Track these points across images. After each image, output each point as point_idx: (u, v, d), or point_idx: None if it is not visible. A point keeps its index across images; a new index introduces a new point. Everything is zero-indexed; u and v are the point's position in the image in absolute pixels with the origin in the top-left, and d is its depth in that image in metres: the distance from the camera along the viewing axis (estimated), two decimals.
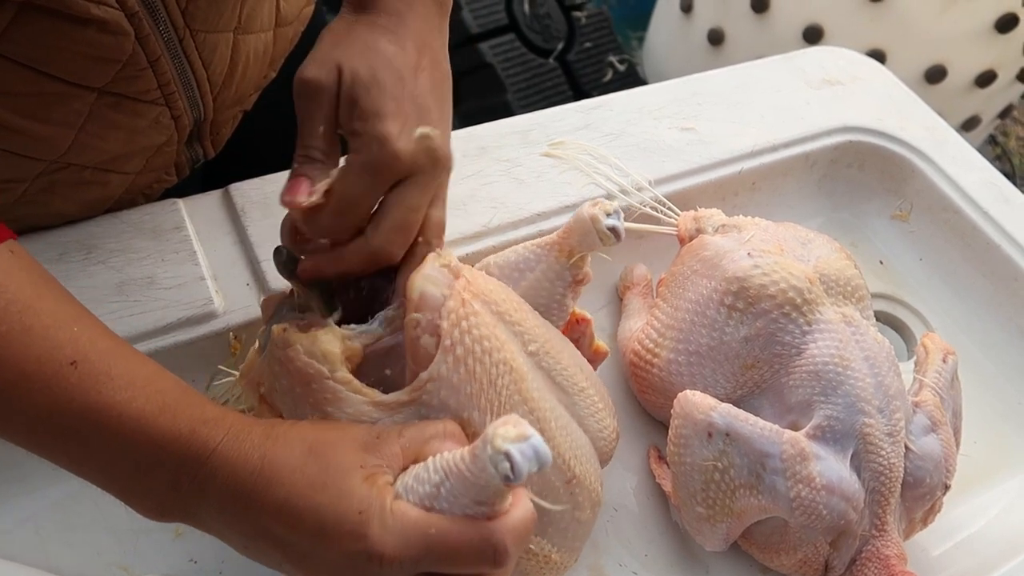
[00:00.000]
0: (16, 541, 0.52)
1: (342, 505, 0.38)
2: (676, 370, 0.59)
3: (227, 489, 0.39)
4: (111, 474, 0.41)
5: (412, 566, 0.38)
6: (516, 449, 0.37)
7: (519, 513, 0.40)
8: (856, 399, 0.53)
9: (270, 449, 0.40)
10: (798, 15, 1.61)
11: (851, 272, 0.59)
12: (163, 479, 0.40)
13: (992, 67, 1.63)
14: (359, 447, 0.41)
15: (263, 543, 0.40)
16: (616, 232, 0.52)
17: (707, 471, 0.52)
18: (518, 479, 0.37)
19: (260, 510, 0.39)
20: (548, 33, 1.79)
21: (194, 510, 0.41)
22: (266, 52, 0.65)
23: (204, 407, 0.41)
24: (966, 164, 0.81)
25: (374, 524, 0.38)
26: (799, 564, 0.54)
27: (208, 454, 0.39)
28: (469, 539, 0.38)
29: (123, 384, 0.40)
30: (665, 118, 0.79)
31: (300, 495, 0.38)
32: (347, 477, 0.39)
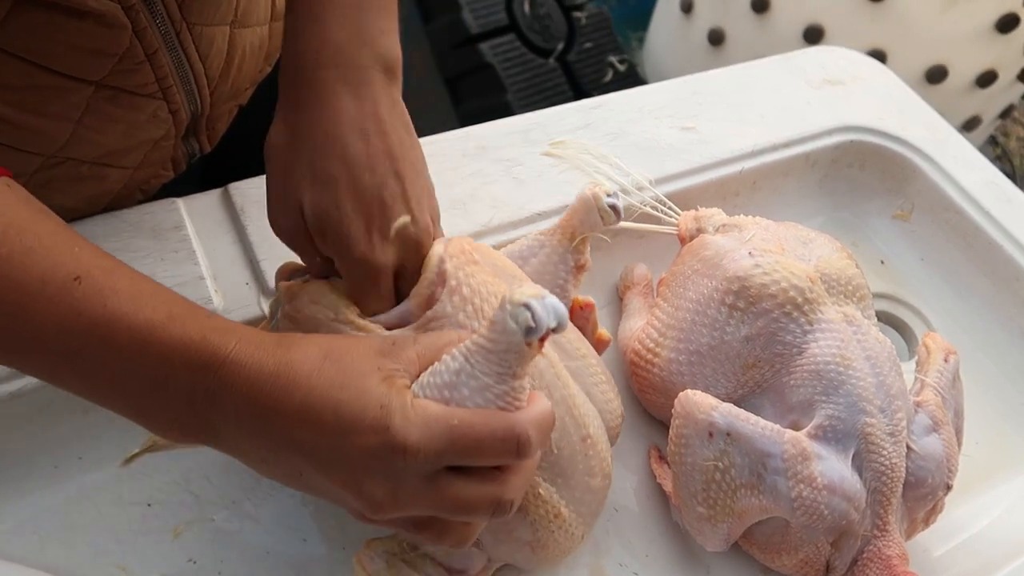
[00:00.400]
0: (15, 541, 0.52)
1: (362, 400, 0.38)
2: (677, 370, 0.59)
3: (244, 397, 0.38)
4: (124, 391, 0.40)
5: (436, 458, 0.38)
6: (536, 302, 0.37)
7: (539, 406, 0.40)
8: (858, 399, 0.53)
9: (285, 354, 0.39)
10: (798, 15, 1.61)
11: (852, 271, 0.59)
12: (177, 391, 0.39)
13: (993, 67, 1.63)
14: (375, 352, 0.41)
15: (284, 451, 0.39)
16: (616, 210, 0.54)
17: (708, 471, 0.52)
18: (539, 331, 0.37)
19: (279, 415, 0.38)
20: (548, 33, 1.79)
21: (212, 424, 0.39)
22: (262, 46, 0.65)
23: (213, 317, 0.40)
24: (967, 164, 0.80)
25: (396, 417, 0.37)
26: (800, 564, 0.54)
27: (222, 360, 0.38)
28: (493, 428, 0.38)
29: (129, 296, 0.39)
30: (666, 118, 0.79)
31: (319, 396, 0.38)
32: (365, 377, 0.39)
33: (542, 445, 0.41)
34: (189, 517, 0.54)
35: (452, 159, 0.71)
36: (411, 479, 0.38)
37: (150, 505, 0.55)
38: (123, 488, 0.55)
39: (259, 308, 0.60)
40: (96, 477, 0.55)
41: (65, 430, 0.56)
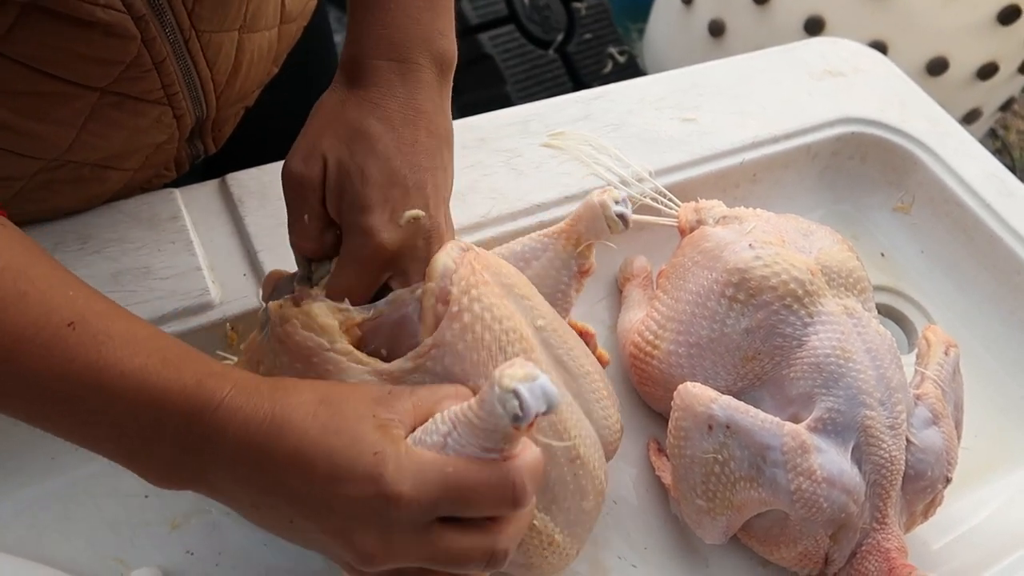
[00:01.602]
0: (12, 533, 0.52)
1: (356, 447, 0.37)
2: (676, 362, 0.58)
3: (237, 441, 0.38)
4: (117, 437, 0.39)
5: (431, 508, 0.37)
6: (525, 387, 0.36)
7: (531, 454, 0.39)
8: (857, 391, 0.53)
9: (280, 399, 0.39)
10: (799, 6, 1.61)
11: (853, 264, 0.59)
12: (170, 437, 0.38)
13: (994, 59, 1.63)
14: (369, 400, 0.40)
15: (275, 498, 0.38)
16: (624, 219, 0.53)
17: (707, 464, 0.52)
18: (526, 418, 0.36)
19: (271, 460, 0.37)
20: (548, 24, 1.79)
21: (204, 471, 0.39)
22: (270, 49, 0.65)
23: (209, 362, 0.40)
24: (969, 156, 0.80)
25: (390, 465, 0.37)
26: (799, 557, 0.54)
27: (216, 406, 0.38)
28: (487, 477, 0.37)
29: (123, 342, 0.38)
30: (666, 109, 0.78)
31: (312, 441, 0.37)
32: (360, 423, 0.38)
33: (536, 491, 0.40)
34: (187, 509, 0.54)
35: None
36: (404, 529, 0.37)
37: (147, 497, 0.55)
38: (120, 480, 0.55)
39: (256, 299, 0.59)
40: (93, 468, 0.55)
41: None
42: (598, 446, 0.51)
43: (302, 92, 0.78)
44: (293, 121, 0.81)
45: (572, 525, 0.50)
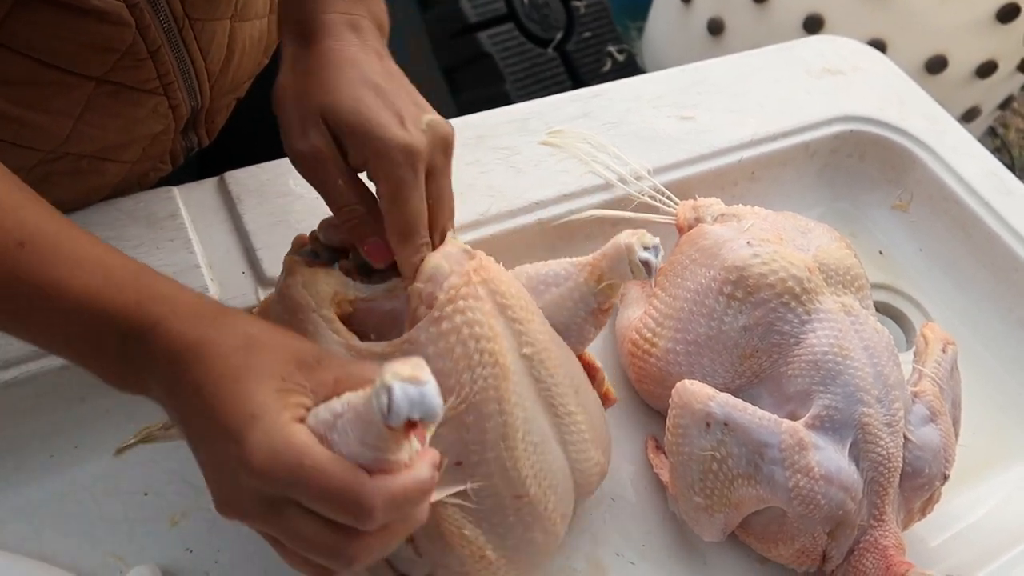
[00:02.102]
0: (10, 530, 0.52)
1: (240, 403, 0.37)
2: (674, 359, 0.59)
3: (163, 362, 0.39)
4: (70, 348, 0.42)
5: (275, 486, 0.37)
6: (400, 387, 0.34)
7: (405, 480, 0.37)
8: (855, 389, 0.53)
9: (209, 330, 0.39)
10: (798, 4, 1.61)
11: (851, 262, 0.59)
12: (113, 352, 0.40)
13: (993, 57, 1.63)
14: (293, 360, 0.40)
15: (182, 422, 0.40)
16: (648, 266, 0.50)
17: (705, 461, 0.52)
18: (394, 417, 0.34)
19: (180, 388, 0.39)
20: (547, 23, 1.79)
21: (144, 383, 0.41)
22: (261, 39, 0.65)
23: (153, 284, 0.41)
24: (967, 155, 0.80)
25: (256, 432, 0.36)
26: (797, 554, 0.54)
27: (150, 327, 0.39)
28: (337, 486, 0.36)
29: (70, 262, 0.40)
30: (665, 107, 0.78)
31: (213, 382, 0.38)
32: (262, 381, 0.38)
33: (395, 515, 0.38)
34: (185, 506, 0.54)
35: None
36: (251, 496, 0.37)
37: (146, 494, 0.55)
38: (119, 477, 0.55)
39: (255, 297, 0.59)
40: (92, 466, 0.55)
41: (61, 419, 0.56)
42: (566, 487, 0.50)
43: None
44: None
45: (513, 551, 0.48)
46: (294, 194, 0.65)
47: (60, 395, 0.55)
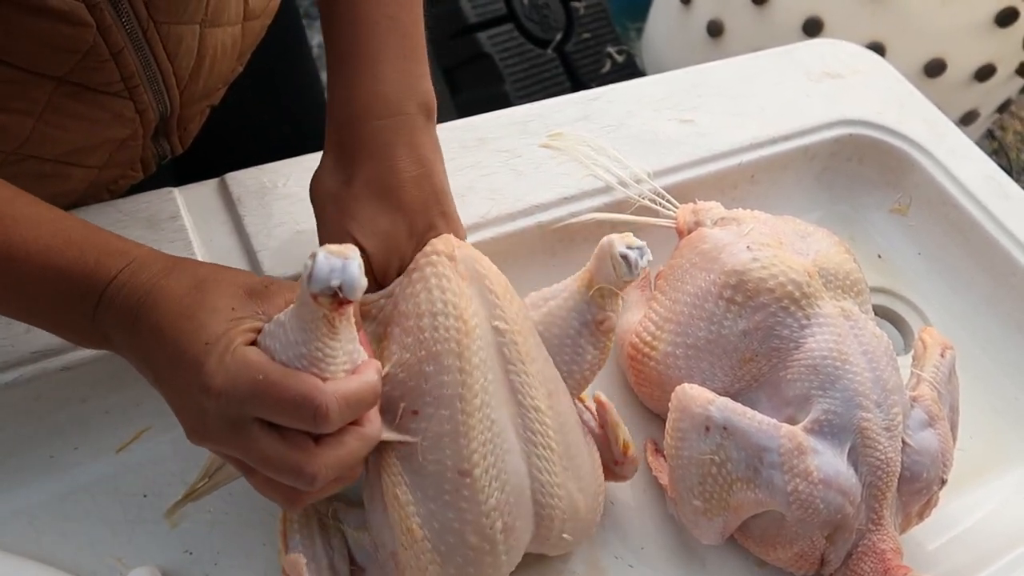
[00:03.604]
0: (10, 532, 0.52)
1: (196, 335, 0.40)
2: (674, 363, 0.59)
3: (120, 313, 0.42)
4: (34, 311, 0.44)
5: (238, 405, 0.39)
6: (323, 255, 0.37)
7: (355, 383, 0.41)
8: (854, 393, 0.53)
9: (161, 279, 0.42)
10: (798, 7, 1.61)
11: (850, 266, 0.59)
12: (77, 309, 0.43)
13: (992, 61, 1.63)
14: (243, 290, 0.43)
15: (143, 366, 0.42)
16: (629, 262, 0.49)
17: (704, 465, 0.52)
18: (314, 284, 0.36)
19: (140, 333, 0.41)
20: (546, 23, 1.79)
21: (106, 336, 0.43)
22: (234, 46, 0.64)
23: (111, 241, 0.44)
24: (966, 159, 0.80)
25: (212, 358, 0.39)
26: (795, 558, 0.54)
27: (110, 281, 0.42)
28: (293, 393, 0.39)
29: (29, 224, 0.42)
30: (664, 110, 0.79)
31: (169, 323, 0.41)
32: (214, 313, 0.41)
33: (352, 418, 0.41)
34: (186, 508, 0.54)
35: (450, 150, 0.71)
36: (216, 420, 0.40)
37: (146, 496, 0.55)
38: (119, 479, 0.55)
39: None
40: (92, 467, 0.55)
41: (61, 420, 0.56)
42: (515, 495, 0.47)
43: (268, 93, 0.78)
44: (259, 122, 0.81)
45: (437, 536, 0.46)
46: (295, 196, 0.65)
47: (60, 397, 0.55)
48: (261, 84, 0.74)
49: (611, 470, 0.55)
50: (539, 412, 0.49)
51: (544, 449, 0.49)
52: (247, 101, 0.72)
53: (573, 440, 0.51)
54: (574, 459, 0.51)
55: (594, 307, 0.51)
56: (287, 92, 0.83)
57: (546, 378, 0.50)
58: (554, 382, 0.51)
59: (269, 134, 0.82)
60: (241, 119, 0.75)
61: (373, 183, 0.50)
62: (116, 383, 0.57)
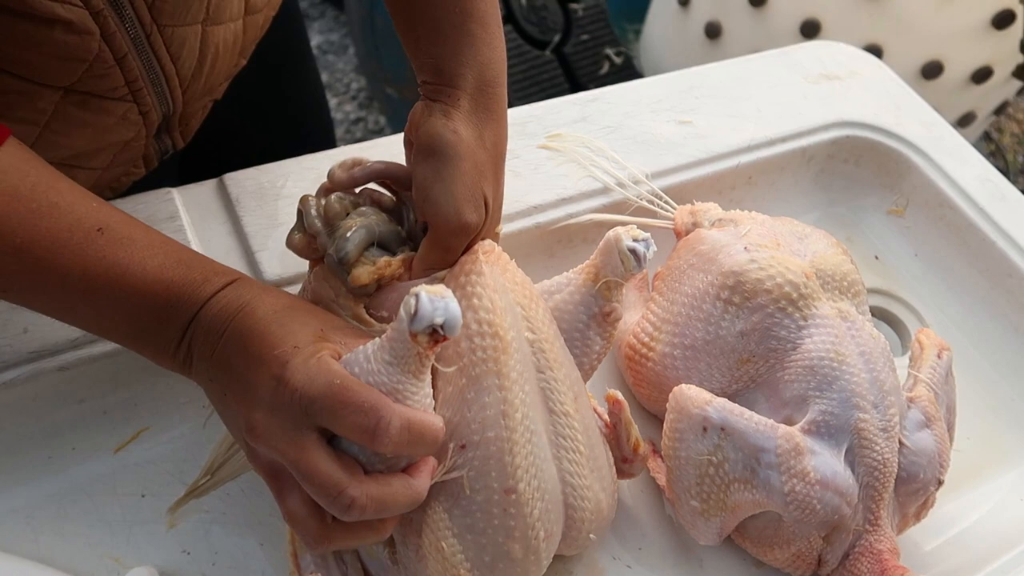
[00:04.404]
0: (8, 532, 0.52)
1: (283, 338, 0.43)
2: (671, 364, 0.59)
3: (214, 323, 0.44)
4: (132, 323, 0.45)
5: (309, 403, 0.41)
6: (426, 295, 0.38)
7: (422, 415, 0.42)
8: (851, 394, 0.53)
9: (257, 295, 0.45)
10: (795, 9, 1.61)
11: (847, 267, 0.59)
12: (176, 320, 0.45)
13: (988, 63, 1.63)
14: (327, 322, 0.46)
15: (220, 370, 0.44)
16: (637, 256, 0.51)
17: (702, 465, 0.52)
18: (418, 322, 0.39)
19: (229, 337, 0.44)
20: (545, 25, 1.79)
21: (191, 347, 0.45)
22: (236, 42, 0.64)
23: (215, 264, 0.47)
24: (962, 160, 0.81)
25: (297, 358, 0.42)
26: (792, 558, 0.55)
27: (215, 292, 0.45)
28: (360, 401, 0.40)
29: (144, 244, 0.45)
30: (663, 112, 0.79)
31: (261, 327, 0.43)
32: (305, 326, 0.44)
33: (408, 448, 0.42)
34: (184, 509, 0.54)
35: None
36: (285, 417, 0.41)
37: (144, 496, 0.55)
38: (117, 479, 0.55)
39: None
40: (90, 468, 0.55)
41: (59, 420, 0.56)
42: (551, 499, 0.48)
43: (270, 84, 0.78)
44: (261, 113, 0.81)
45: (488, 568, 0.46)
46: (293, 196, 0.65)
47: (58, 397, 0.55)
48: (264, 77, 0.74)
49: (620, 468, 0.55)
50: (568, 417, 0.49)
51: (574, 453, 0.49)
52: (249, 94, 0.72)
53: (595, 439, 0.52)
54: (597, 459, 0.51)
55: (601, 299, 0.52)
56: (290, 84, 0.83)
57: (571, 380, 0.51)
58: (578, 383, 0.52)
59: (272, 127, 0.82)
60: (244, 112, 0.75)
61: (497, 143, 0.52)
62: (114, 384, 0.57)
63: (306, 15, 2.25)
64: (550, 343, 0.49)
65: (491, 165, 0.51)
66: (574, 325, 0.53)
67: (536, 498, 0.47)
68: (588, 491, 0.50)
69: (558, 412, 0.49)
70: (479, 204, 0.49)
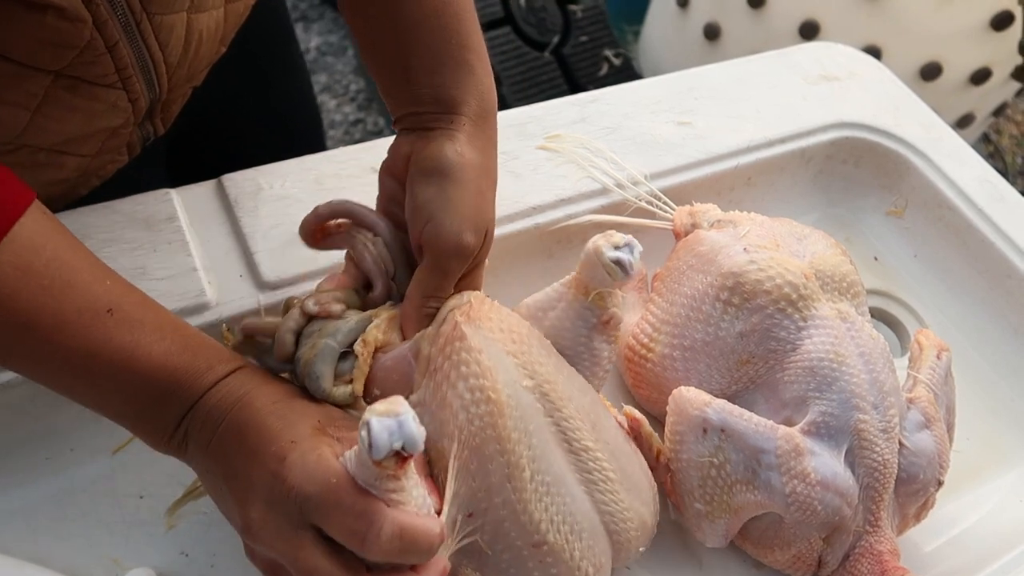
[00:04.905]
0: (6, 533, 0.52)
1: (281, 432, 0.42)
2: (671, 365, 0.59)
3: (212, 411, 0.44)
4: (131, 405, 0.45)
5: (304, 501, 0.40)
6: (376, 420, 0.37)
7: (417, 520, 0.41)
8: (851, 395, 0.53)
9: (256, 386, 0.45)
10: (794, 10, 1.61)
11: (847, 268, 0.59)
12: (175, 406, 0.44)
13: (987, 65, 1.64)
14: (324, 414, 0.45)
15: (218, 466, 0.44)
16: (622, 265, 0.48)
17: (703, 467, 0.52)
18: (376, 452, 0.37)
19: (226, 430, 0.43)
20: (544, 26, 1.79)
21: (187, 435, 0.45)
22: (218, 29, 0.64)
23: (221, 351, 0.47)
24: (961, 161, 0.81)
25: (295, 453, 0.41)
26: (793, 560, 0.54)
27: (215, 382, 0.45)
28: (352, 505, 0.40)
29: (153, 328, 0.45)
30: (662, 112, 0.79)
31: (258, 420, 0.43)
32: (301, 419, 0.43)
33: (399, 555, 0.41)
34: (182, 510, 0.54)
35: None
36: (280, 514, 0.41)
37: (142, 497, 0.55)
38: (115, 480, 0.55)
39: (252, 300, 0.59)
40: (88, 469, 0.55)
41: (57, 421, 0.56)
42: (595, 534, 0.48)
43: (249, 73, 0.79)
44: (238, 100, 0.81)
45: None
46: (291, 197, 0.65)
47: (57, 398, 0.54)
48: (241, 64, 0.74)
49: None
50: (589, 451, 0.48)
51: (604, 483, 0.49)
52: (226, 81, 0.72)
53: (624, 458, 0.51)
54: (631, 476, 0.51)
55: (597, 310, 0.51)
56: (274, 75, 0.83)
57: (586, 410, 0.49)
58: (593, 408, 0.50)
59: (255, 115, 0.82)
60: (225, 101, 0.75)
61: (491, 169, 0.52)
62: None
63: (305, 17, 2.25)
64: (551, 383, 0.48)
65: (492, 191, 0.51)
66: (577, 340, 0.51)
67: (572, 540, 0.46)
68: (628, 512, 0.49)
69: (578, 449, 0.48)
70: (480, 229, 0.49)
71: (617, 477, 0.49)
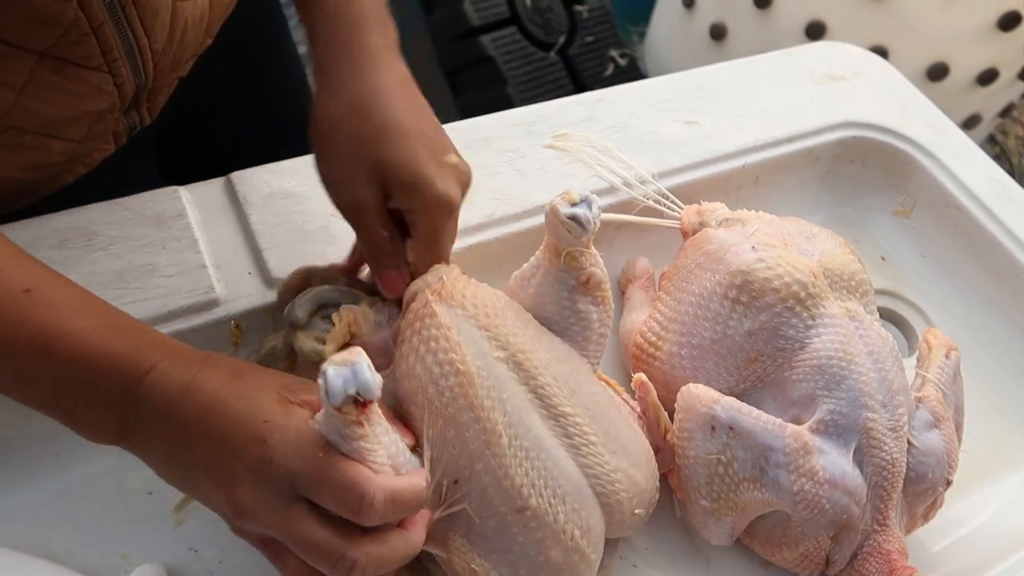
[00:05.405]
0: (14, 529, 0.52)
1: (251, 413, 0.41)
2: (679, 363, 0.59)
3: (158, 402, 0.42)
4: (54, 395, 0.43)
5: (293, 479, 0.40)
6: (332, 369, 0.38)
7: (403, 482, 0.42)
8: (859, 394, 0.53)
9: (201, 370, 0.43)
10: (800, 11, 1.61)
11: (855, 267, 0.59)
12: (103, 396, 0.42)
13: (994, 65, 1.63)
14: (280, 383, 0.44)
15: (182, 455, 0.42)
16: (579, 220, 0.48)
17: (711, 465, 0.52)
18: (333, 398, 0.38)
19: (182, 419, 0.42)
20: (549, 27, 1.79)
21: (128, 428, 0.43)
22: (203, 18, 0.64)
23: (150, 333, 0.45)
24: (969, 161, 0.81)
25: (275, 432, 0.41)
26: (800, 558, 0.54)
27: (148, 370, 0.42)
28: (342, 477, 0.40)
29: (72, 307, 0.43)
30: (669, 112, 0.79)
31: (217, 406, 0.41)
32: (263, 394, 0.42)
33: (393, 517, 0.42)
34: (191, 506, 0.54)
35: None
36: (272, 493, 0.40)
37: (151, 493, 0.55)
38: (124, 476, 0.55)
39: (261, 297, 0.60)
40: (96, 465, 0.55)
41: None
42: (581, 498, 0.48)
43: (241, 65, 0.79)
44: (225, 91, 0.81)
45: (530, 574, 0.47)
46: (300, 195, 0.65)
47: None
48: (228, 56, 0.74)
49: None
50: (568, 416, 0.49)
51: (586, 445, 0.49)
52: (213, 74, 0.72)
53: (609, 422, 0.51)
54: (617, 439, 0.51)
55: (572, 271, 0.51)
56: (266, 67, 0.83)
57: (564, 377, 0.50)
58: (573, 375, 0.51)
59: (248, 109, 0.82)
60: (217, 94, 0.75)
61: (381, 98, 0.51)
62: None
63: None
64: (525, 352, 0.49)
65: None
66: (560, 304, 0.52)
67: (556, 504, 0.47)
68: (615, 473, 0.50)
69: (556, 415, 0.49)
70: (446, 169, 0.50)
71: (600, 440, 0.49)
